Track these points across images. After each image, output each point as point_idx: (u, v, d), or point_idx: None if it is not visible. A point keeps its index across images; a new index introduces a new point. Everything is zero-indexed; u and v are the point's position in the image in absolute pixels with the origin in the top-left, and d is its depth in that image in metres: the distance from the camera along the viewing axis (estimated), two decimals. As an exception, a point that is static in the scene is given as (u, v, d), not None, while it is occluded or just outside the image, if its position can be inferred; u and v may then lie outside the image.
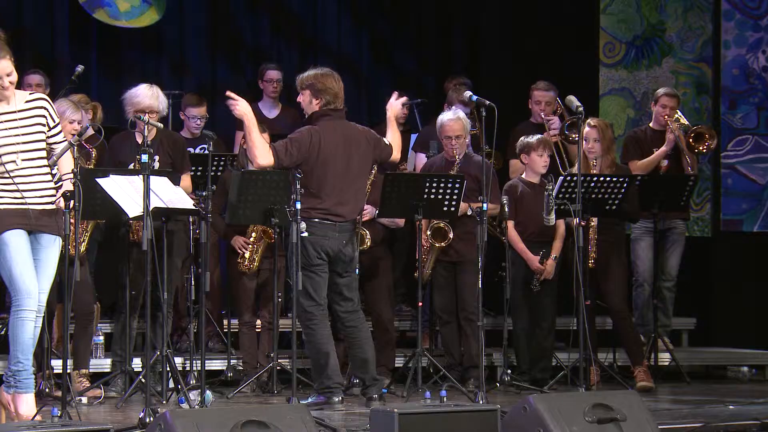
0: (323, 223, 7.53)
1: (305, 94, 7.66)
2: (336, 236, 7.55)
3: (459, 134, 8.55)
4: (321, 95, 7.61)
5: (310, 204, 7.50)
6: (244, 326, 8.55)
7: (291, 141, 7.51)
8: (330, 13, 11.35)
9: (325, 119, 7.61)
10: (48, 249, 6.55)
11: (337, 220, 7.56)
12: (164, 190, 7.27)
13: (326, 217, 7.53)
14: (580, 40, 11.06)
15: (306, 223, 7.42)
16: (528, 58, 10.87)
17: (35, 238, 6.49)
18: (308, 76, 7.66)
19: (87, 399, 7.72)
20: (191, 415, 5.71)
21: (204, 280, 7.51)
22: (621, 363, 9.12)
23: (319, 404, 7.50)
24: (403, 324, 9.64)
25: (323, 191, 7.53)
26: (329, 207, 7.54)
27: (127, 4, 10.61)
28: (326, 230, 7.53)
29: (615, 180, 8.46)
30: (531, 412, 6.05)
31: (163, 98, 8.11)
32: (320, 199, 7.52)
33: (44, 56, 10.43)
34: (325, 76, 7.64)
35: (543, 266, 8.66)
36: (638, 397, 6.42)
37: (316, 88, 7.61)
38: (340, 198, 7.57)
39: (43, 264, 6.53)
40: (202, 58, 11.04)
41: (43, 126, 6.54)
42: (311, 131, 7.55)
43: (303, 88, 7.66)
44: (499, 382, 8.59)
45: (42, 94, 6.71)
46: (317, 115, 7.63)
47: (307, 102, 7.67)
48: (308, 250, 7.49)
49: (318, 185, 7.53)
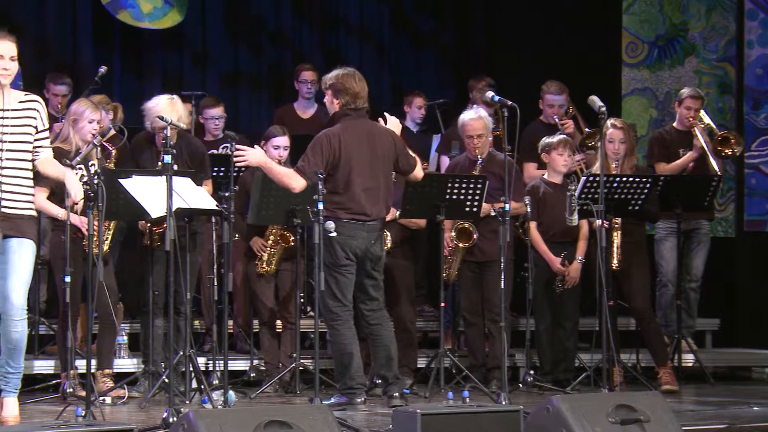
0: (352, 223, 7.52)
1: (328, 94, 7.71)
2: (365, 236, 7.54)
3: (480, 133, 8.54)
4: (341, 96, 7.62)
5: (338, 203, 7.49)
6: (264, 327, 8.57)
7: (310, 152, 7.50)
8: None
9: (346, 119, 7.62)
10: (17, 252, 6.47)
11: (365, 219, 7.55)
12: (187, 191, 7.28)
13: (355, 216, 7.52)
14: (602, 40, 11.03)
15: (335, 223, 7.42)
16: (550, 58, 10.85)
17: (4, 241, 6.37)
18: (331, 76, 7.68)
19: (111, 399, 7.74)
20: (214, 415, 5.72)
21: (227, 281, 7.52)
22: (644, 364, 9.10)
23: (342, 404, 7.50)
24: (425, 324, 9.63)
25: (350, 191, 7.52)
26: (357, 206, 7.53)
27: (149, 6, 10.65)
28: (355, 230, 7.52)
29: (638, 180, 8.44)
30: (554, 412, 6.04)
31: (183, 110, 8.09)
32: (347, 198, 7.51)
33: (67, 58, 10.49)
34: (346, 76, 7.65)
35: (565, 268, 8.64)
36: (662, 398, 6.39)
37: (336, 89, 7.63)
38: (368, 196, 7.56)
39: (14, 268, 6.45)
40: (223, 47, 11.08)
41: (32, 128, 6.53)
42: (327, 135, 7.56)
43: (326, 88, 7.71)
44: (522, 383, 8.57)
45: (36, 96, 6.67)
46: (338, 115, 7.65)
47: (329, 102, 7.71)
48: (336, 251, 7.48)
49: (344, 185, 7.52)
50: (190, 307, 7.94)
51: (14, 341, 6.47)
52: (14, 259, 6.45)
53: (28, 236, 6.52)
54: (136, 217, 7.61)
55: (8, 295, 6.41)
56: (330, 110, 7.72)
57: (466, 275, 8.66)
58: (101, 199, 6.56)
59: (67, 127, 7.84)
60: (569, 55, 10.83)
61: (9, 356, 6.49)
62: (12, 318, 6.44)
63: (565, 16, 11.08)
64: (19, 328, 6.47)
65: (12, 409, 6.51)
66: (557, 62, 10.72)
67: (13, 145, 6.43)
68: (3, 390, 6.55)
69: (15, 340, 6.47)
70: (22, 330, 6.50)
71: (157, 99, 8.07)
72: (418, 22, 11.56)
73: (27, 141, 6.51)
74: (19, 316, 6.46)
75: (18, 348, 6.50)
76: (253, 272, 8.52)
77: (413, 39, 11.55)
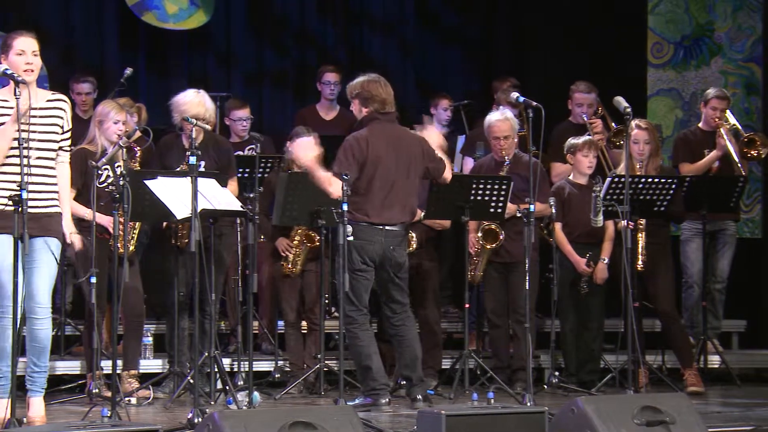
0: (369, 228, 7.52)
1: (354, 103, 7.70)
2: (382, 241, 7.54)
3: (507, 134, 8.53)
4: (369, 103, 7.62)
5: (358, 205, 7.49)
6: (290, 328, 8.58)
7: (343, 156, 7.51)
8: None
9: (374, 123, 7.62)
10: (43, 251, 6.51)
11: (384, 223, 7.55)
12: (212, 192, 7.29)
13: (371, 220, 7.52)
14: (628, 41, 11.00)
15: (353, 228, 7.42)
16: (575, 58, 10.83)
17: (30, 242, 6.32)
18: (355, 84, 7.67)
19: (136, 399, 7.77)
20: (239, 416, 5.73)
21: (252, 282, 7.53)
22: (670, 365, 9.07)
23: (366, 405, 7.50)
24: (450, 326, 9.63)
25: (369, 194, 7.52)
26: (374, 210, 7.52)
27: (175, 7, 10.68)
28: (372, 235, 7.52)
29: (663, 181, 8.41)
30: (579, 414, 6.02)
31: (210, 104, 8.12)
32: (365, 200, 7.51)
33: (93, 61, 10.54)
34: (371, 83, 7.65)
35: (590, 269, 8.62)
36: (687, 399, 6.37)
37: (364, 97, 7.63)
38: (388, 201, 7.56)
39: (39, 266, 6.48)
40: (247, 46, 11.12)
41: (59, 127, 6.56)
42: (356, 138, 7.56)
43: (352, 97, 7.70)
44: (547, 384, 8.56)
45: (64, 96, 6.71)
46: (366, 119, 7.65)
47: (357, 110, 7.72)
48: (352, 255, 7.48)
49: (364, 187, 7.52)
50: (215, 308, 7.96)
51: (39, 339, 6.50)
52: (40, 258, 6.48)
53: (54, 234, 6.56)
54: (162, 218, 7.63)
55: (33, 294, 6.45)
56: (358, 116, 7.74)
57: (492, 276, 8.64)
58: (127, 200, 6.58)
59: (93, 129, 7.89)
60: (594, 55, 10.80)
61: (34, 355, 6.53)
62: (37, 316, 6.47)
63: (590, 16, 11.05)
64: (44, 326, 6.51)
65: (38, 410, 6.54)
66: (582, 63, 10.70)
67: (40, 143, 6.46)
68: (29, 390, 6.58)
69: (40, 339, 6.50)
70: (47, 328, 6.53)
71: (185, 94, 8.10)
72: (443, 18, 11.55)
73: (53, 140, 6.54)
74: (44, 315, 6.49)
75: (43, 347, 6.53)
76: (279, 273, 8.53)
77: (438, 35, 11.55)
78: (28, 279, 6.39)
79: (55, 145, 6.54)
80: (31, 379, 6.57)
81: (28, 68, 6.41)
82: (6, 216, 6.24)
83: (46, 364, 6.60)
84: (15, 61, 6.41)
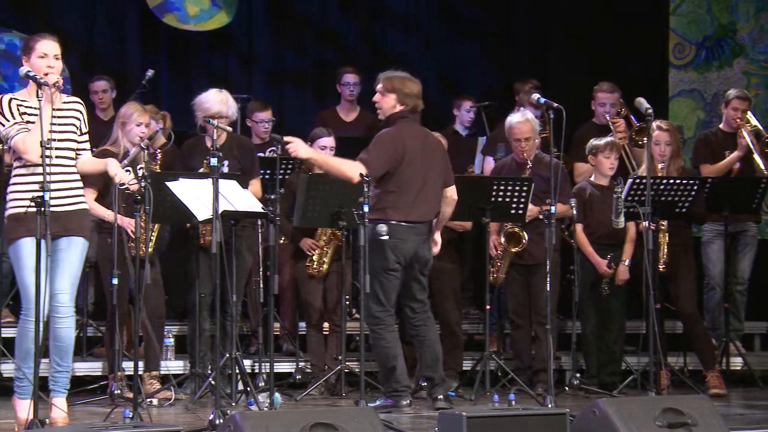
0: (402, 226, 7.50)
1: (390, 97, 7.60)
2: (414, 239, 7.54)
3: (528, 136, 8.52)
4: (406, 100, 7.59)
5: (389, 204, 7.46)
6: (312, 329, 8.59)
7: (375, 149, 7.47)
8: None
9: (403, 121, 7.61)
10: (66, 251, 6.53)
11: (415, 221, 7.55)
12: (233, 194, 7.31)
13: (405, 218, 7.51)
14: (649, 42, 10.98)
15: (386, 226, 7.42)
16: (597, 59, 10.81)
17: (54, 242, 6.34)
18: (395, 79, 7.59)
19: (158, 400, 7.79)
20: (260, 417, 5.74)
21: (273, 283, 7.53)
22: (692, 367, 9.04)
23: (387, 407, 7.50)
24: (471, 327, 9.62)
25: (404, 192, 7.50)
26: (407, 208, 7.51)
27: (196, 8, 10.72)
28: (405, 233, 7.50)
29: (685, 183, 8.38)
30: (600, 415, 6.01)
31: (233, 103, 8.15)
32: (400, 198, 7.49)
33: (114, 62, 10.58)
34: (410, 81, 7.61)
35: (611, 270, 8.60)
36: (710, 401, 6.36)
37: (403, 93, 7.59)
38: (419, 198, 7.56)
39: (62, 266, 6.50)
40: (268, 46, 11.15)
41: (76, 128, 6.58)
42: (390, 135, 7.52)
43: (389, 91, 7.60)
44: (568, 386, 8.55)
45: (78, 98, 6.73)
46: (395, 116, 7.62)
47: (390, 105, 7.61)
48: (387, 254, 7.46)
49: (398, 184, 7.49)
50: (237, 309, 7.97)
51: (62, 339, 6.53)
52: (63, 258, 6.50)
53: (78, 233, 6.57)
54: (183, 219, 7.65)
55: (57, 294, 6.47)
56: (387, 111, 7.62)
57: (513, 278, 8.63)
58: (148, 202, 6.60)
59: (116, 130, 7.93)
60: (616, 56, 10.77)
61: (57, 355, 6.55)
62: (60, 316, 6.50)
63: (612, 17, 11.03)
64: (67, 326, 6.53)
65: (61, 410, 6.56)
66: (604, 64, 10.68)
67: (61, 143, 6.49)
68: (52, 390, 6.60)
69: (63, 339, 6.53)
70: (70, 328, 6.55)
71: (207, 93, 8.12)
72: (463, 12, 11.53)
73: (72, 140, 6.57)
74: (67, 314, 6.51)
75: (66, 347, 6.55)
76: (302, 274, 8.54)
77: (458, 29, 11.53)
78: (52, 279, 6.42)
79: (73, 145, 6.56)
80: (54, 379, 6.59)
81: (50, 71, 6.44)
82: (29, 218, 6.27)
83: (69, 365, 6.62)
84: (37, 64, 6.44)
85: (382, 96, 7.61)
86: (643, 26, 10.98)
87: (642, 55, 10.86)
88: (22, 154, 6.39)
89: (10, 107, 6.44)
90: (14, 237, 6.42)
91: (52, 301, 6.45)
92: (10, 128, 6.41)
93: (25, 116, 6.43)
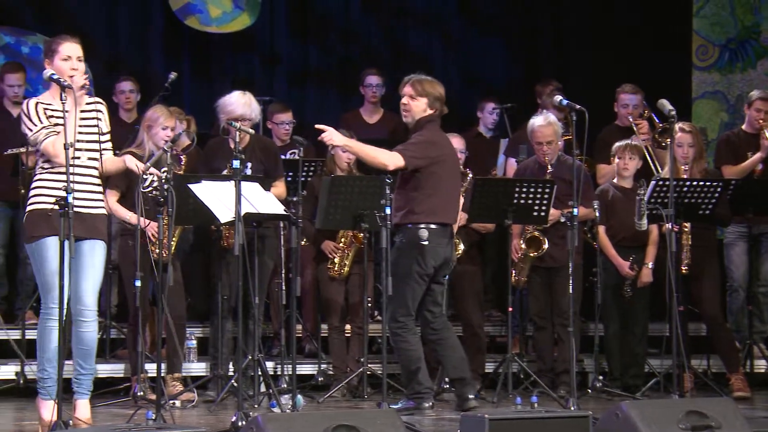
0: (438, 230, 7.49)
1: (420, 101, 7.57)
2: (446, 242, 7.55)
3: (550, 139, 8.50)
4: (436, 104, 7.59)
5: (425, 206, 7.45)
6: (333, 331, 8.59)
7: (414, 145, 7.47)
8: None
9: (431, 125, 7.61)
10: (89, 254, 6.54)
11: (447, 223, 7.55)
12: (255, 196, 7.32)
13: (440, 221, 7.50)
14: (672, 43, 10.94)
15: (427, 231, 7.42)
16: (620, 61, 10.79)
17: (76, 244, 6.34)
18: (424, 82, 7.58)
19: (180, 402, 7.81)
20: (283, 419, 5.75)
21: (295, 285, 7.54)
22: (715, 370, 9.00)
23: (410, 409, 7.49)
24: (493, 329, 9.61)
25: (439, 192, 7.49)
26: (442, 211, 7.50)
27: (218, 10, 10.75)
28: (441, 237, 7.50)
29: (708, 185, 8.35)
30: (623, 418, 5.99)
31: (256, 105, 8.16)
32: (434, 200, 7.47)
33: (137, 65, 10.61)
34: (438, 84, 7.61)
35: (633, 272, 8.58)
36: (733, 404, 6.32)
37: (434, 97, 7.57)
38: (450, 201, 7.57)
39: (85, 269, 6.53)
40: (291, 47, 11.16)
41: (97, 129, 6.60)
42: (427, 137, 7.52)
43: (419, 94, 7.57)
44: (591, 388, 8.52)
45: (99, 99, 6.75)
46: (425, 120, 7.60)
47: (420, 109, 7.58)
48: (426, 259, 7.45)
49: (434, 185, 7.48)
50: (259, 311, 7.99)
51: (86, 342, 6.55)
52: (86, 261, 6.52)
53: (100, 236, 6.60)
54: (206, 222, 7.66)
55: (80, 297, 6.50)
56: (416, 115, 7.60)
57: (536, 280, 8.62)
58: (171, 204, 6.61)
59: (142, 133, 7.96)
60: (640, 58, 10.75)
61: (81, 357, 6.57)
62: (84, 319, 6.52)
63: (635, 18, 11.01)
64: (90, 329, 6.55)
65: (84, 412, 6.59)
66: (627, 65, 10.65)
67: (84, 145, 6.52)
68: (76, 392, 6.62)
69: (86, 341, 6.55)
70: (93, 330, 6.57)
71: (230, 95, 8.14)
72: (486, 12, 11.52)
73: (95, 141, 6.59)
74: (90, 317, 6.53)
75: (89, 349, 6.58)
76: (323, 276, 8.55)
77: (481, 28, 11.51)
78: (75, 281, 6.44)
79: (96, 146, 6.59)
80: (78, 381, 6.61)
81: (74, 73, 6.46)
82: (54, 218, 6.29)
83: (93, 367, 6.64)
84: (61, 66, 6.46)
85: (412, 100, 7.59)
86: (666, 28, 10.95)
87: (665, 57, 10.82)
88: (53, 158, 6.42)
89: (37, 111, 6.46)
90: (37, 235, 6.43)
91: (76, 303, 6.48)
92: (38, 133, 6.44)
93: (51, 119, 6.46)
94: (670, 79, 10.48)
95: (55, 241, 6.30)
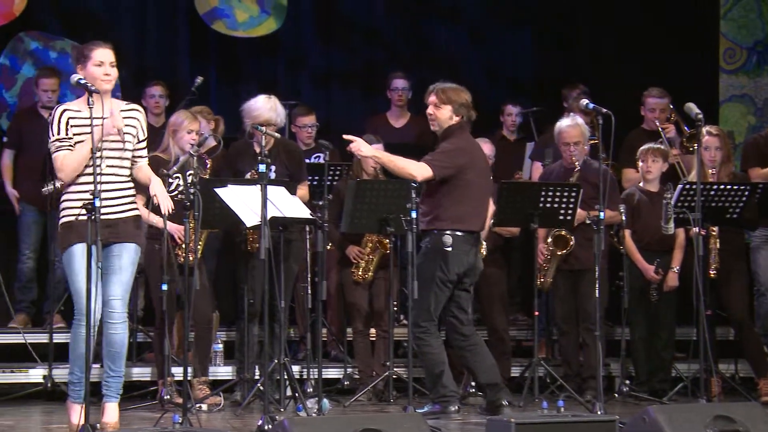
0: (465, 237, 7.47)
1: (445, 108, 7.56)
2: (473, 250, 7.53)
3: (577, 140, 8.49)
4: (461, 110, 7.57)
5: (452, 213, 7.45)
6: (358, 335, 8.59)
7: (442, 154, 7.46)
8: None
9: (461, 132, 7.59)
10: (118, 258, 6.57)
11: (474, 231, 7.54)
12: (281, 200, 7.33)
13: (468, 229, 7.49)
14: (699, 46, 10.90)
15: (451, 238, 7.42)
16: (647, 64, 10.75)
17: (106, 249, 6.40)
18: (448, 90, 7.56)
19: (207, 406, 7.82)
20: (309, 423, 5.76)
21: (321, 289, 7.55)
22: (743, 374, 8.96)
23: (435, 413, 7.48)
24: (519, 333, 9.59)
25: (467, 199, 7.48)
26: (470, 219, 7.49)
27: (245, 15, 10.78)
28: (467, 244, 7.49)
29: (736, 188, 8.31)
30: (650, 423, 5.97)
31: (281, 109, 8.17)
32: (462, 207, 7.46)
33: (164, 69, 10.65)
34: (462, 91, 7.58)
35: (658, 276, 8.55)
36: (762, 409, 6.30)
37: (459, 104, 7.55)
38: (479, 208, 7.56)
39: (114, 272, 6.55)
40: (316, 49, 11.17)
41: (133, 136, 6.62)
42: (457, 145, 7.51)
43: (444, 102, 7.56)
44: (618, 393, 8.49)
45: (137, 106, 6.77)
46: (454, 128, 7.58)
47: (446, 117, 7.57)
48: (450, 266, 7.45)
49: (462, 193, 7.48)
50: (285, 315, 7.99)
51: (115, 344, 6.57)
52: (115, 264, 6.55)
53: (131, 240, 6.61)
54: (232, 225, 7.68)
55: (109, 300, 6.52)
56: (443, 124, 7.58)
57: (561, 283, 8.60)
58: (197, 208, 6.63)
59: (167, 137, 7.99)
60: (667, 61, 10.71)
61: (110, 360, 6.60)
62: (113, 321, 6.55)
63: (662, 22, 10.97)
64: (119, 331, 6.57)
65: (112, 415, 6.61)
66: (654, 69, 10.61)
67: (114, 152, 6.53)
68: (105, 395, 6.64)
69: (115, 344, 6.57)
70: (123, 333, 6.59)
71: (256, 99, 8.15)
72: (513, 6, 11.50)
73: (127, 148, 6.60)
74: (118, 320, 6.56)
75: (118, 352, 6.60)
76: (348, 280, 8.56)
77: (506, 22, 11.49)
78: (105, 285, 6.47)
79: (128, 154, 6.60)
80: (107, 384, 6.64)
81: (107, 79, 6.50)
82: (81, 225, 6.32)
83: (122, 370, 6.66)
84: (93, 72, 6.49)
85: (437, 108, 7.58)
86: (693, 31, 10.90)
87: (692, 60, 10.78)
88: (57, 171, 6.47)
89: (60, 121, 6.49)
90: (67, 245, 6.48)
91: (105, 307, 6.51)
92: (51, 144, 6.47)
93: (75, 128, 6.47)
94: (697, 83, 10.43)
95: (82, 247, 6.33)
